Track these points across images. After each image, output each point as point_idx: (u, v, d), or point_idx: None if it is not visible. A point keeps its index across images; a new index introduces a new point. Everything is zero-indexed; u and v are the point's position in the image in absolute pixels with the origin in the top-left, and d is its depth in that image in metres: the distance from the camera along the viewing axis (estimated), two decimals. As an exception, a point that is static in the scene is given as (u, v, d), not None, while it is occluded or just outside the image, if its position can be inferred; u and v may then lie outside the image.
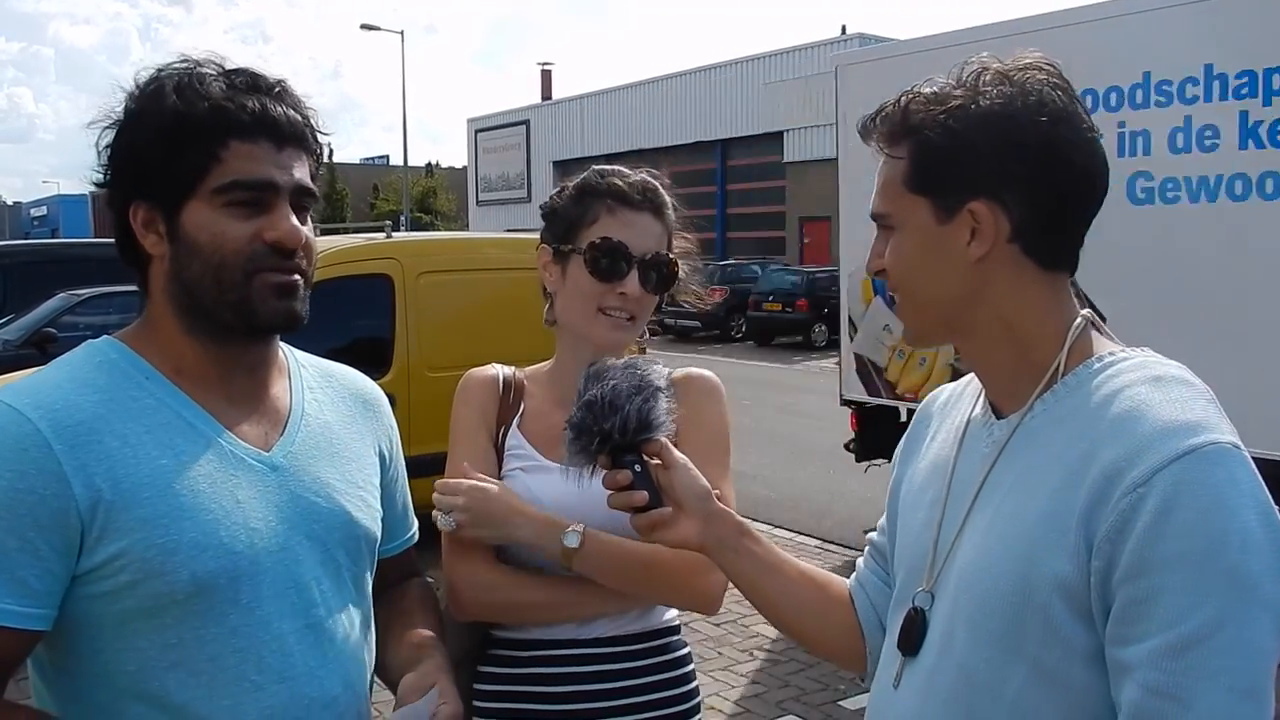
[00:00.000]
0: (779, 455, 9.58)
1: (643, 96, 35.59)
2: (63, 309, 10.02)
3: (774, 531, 7.09)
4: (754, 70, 31.69)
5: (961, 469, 1.26)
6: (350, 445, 1.44)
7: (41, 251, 14.18)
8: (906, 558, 1.30)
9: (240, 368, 1.34)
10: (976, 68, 1.20)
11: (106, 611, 1.20)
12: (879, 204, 1.25)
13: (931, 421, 1.41)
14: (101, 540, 1.17)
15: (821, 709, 4.55)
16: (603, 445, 1.34)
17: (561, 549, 1.56)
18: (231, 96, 1.26)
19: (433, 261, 6.80)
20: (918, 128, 1.19)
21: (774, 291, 21.13)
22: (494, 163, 42.45)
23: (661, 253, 1.72)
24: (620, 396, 1.35)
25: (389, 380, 6.22)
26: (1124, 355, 1.18)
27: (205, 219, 1.25)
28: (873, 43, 28.58)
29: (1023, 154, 1.16)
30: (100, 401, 1.22)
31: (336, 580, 1.36)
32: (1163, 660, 0.99)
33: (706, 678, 4.83)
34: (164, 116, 1.24)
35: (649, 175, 1.74)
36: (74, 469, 1.16)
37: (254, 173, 1.25)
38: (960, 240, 1.18)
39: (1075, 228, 1.21)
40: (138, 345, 1.30)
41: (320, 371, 1.49)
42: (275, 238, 1.26)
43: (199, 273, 1.26)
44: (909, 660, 1.23)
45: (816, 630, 1.44)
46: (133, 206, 1.28)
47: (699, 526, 1.36)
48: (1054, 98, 1.17)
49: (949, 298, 1.22)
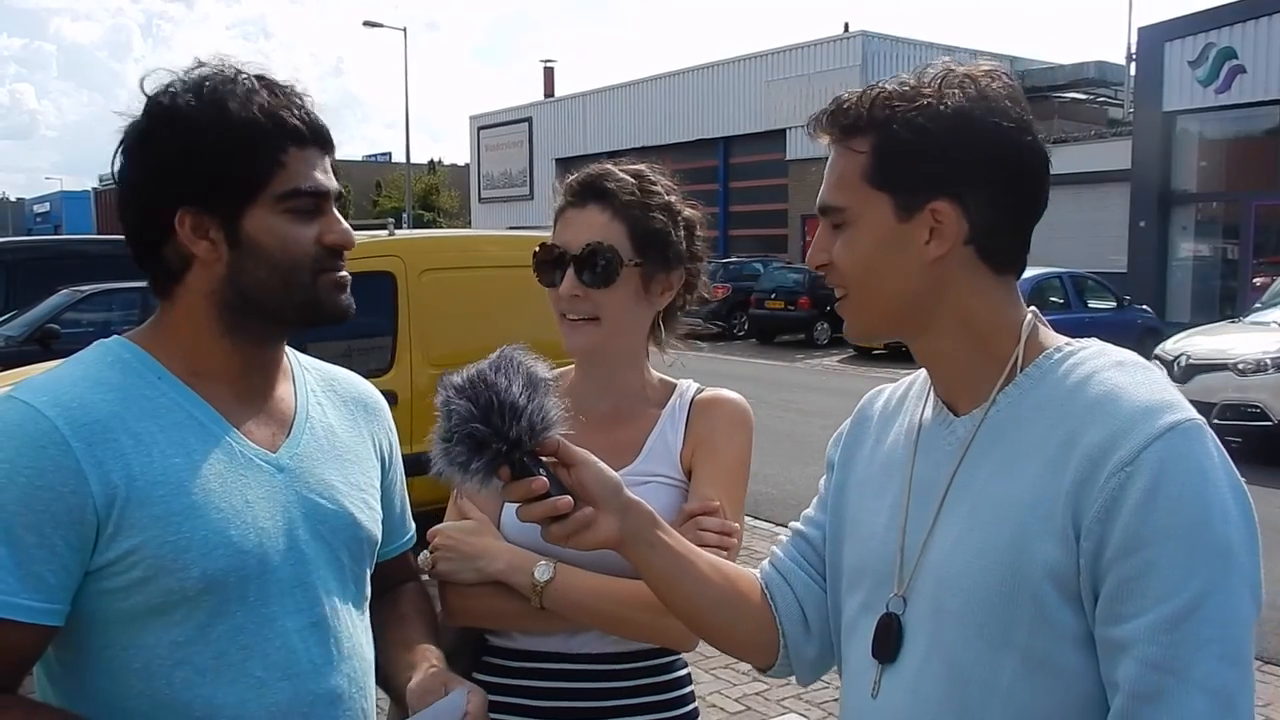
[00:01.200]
0: (781, 453, 9.58)
1: (645, 94, 35.55)
2: (65, 305, 10.03)
3: (774, 529, 7.11)
4: (756, 68, 31.64)
5: (921, 471, 1.25)
6: (352, 448, 1.46)
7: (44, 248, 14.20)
8: (869, 565, 1.28)
9: (259, 368, 1.37)
10: (941, 70, 1.20)
11: (117, 608, 1.21)
12: (833, 197, 1.23)
13: (872, 423, 1.40)
14: (116, 536, 1.19)
15: (823, 707, 4.55)
16: (508, 455, 1.19)
17: (531, 583, 1.52)
18: (286, 104, 1.29)
19: (435, 259, 6.80)
20: (884, 122, 1.19)
21: (776, 289, 21.13)
22: (496, 160, 42.41)
23: (594, 242, 1.59)
24: (516, 397, 1.19)
25: (391, 377, 6.22)
26: (1080, 345, 1.21)
27: (270, 224, 1.28)
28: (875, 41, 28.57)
29: (987, 157, 1.17)
30: (115, 400, 1.24)
31: (340, 580, 1.38)
32: (1159, 634, 1.01)
33: (709, 675, 4.83)
34: (233, 122, 1.25)
35: (598, 167, 1.67)
36: (91, 466, 1.18)
37: (311, 179, 1.30)
38: (919, 239, 1.19)
39: (1026, 232, 1.23)
40: (150, 346, 1.31)
41: (322, 375, 1.51)
42: (334, 240, 1.33)
43: (266, 276, 1.29)
44: (887, 668, 1.22)
45: (729, 625, 1.39)
46: (180, 214, 1.27)
47: (617, 522, 1.26)
48: (1013, 105, 1.19)
49: (902, 295, 1.22)
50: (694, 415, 1.68)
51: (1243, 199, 20.61)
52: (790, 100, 29.54)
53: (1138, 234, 21.44)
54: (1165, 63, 20.99)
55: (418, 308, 6.48)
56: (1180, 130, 21.39)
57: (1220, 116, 20.84)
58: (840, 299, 1.26)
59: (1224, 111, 20.52)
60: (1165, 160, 21.27)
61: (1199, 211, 21.86)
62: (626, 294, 1.62)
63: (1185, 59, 20.61)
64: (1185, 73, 20.63)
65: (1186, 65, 20.58)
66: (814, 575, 1.42)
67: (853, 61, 28.12)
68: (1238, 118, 20.64)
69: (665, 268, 1.65)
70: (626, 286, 1.61)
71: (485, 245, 7.83)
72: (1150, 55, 21.53)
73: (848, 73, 27.60)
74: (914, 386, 1.38)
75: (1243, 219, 20.67)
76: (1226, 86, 20.04)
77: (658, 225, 1.63)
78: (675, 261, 1.66)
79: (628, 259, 1.60)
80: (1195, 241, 21.67)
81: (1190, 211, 21.78)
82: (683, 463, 1.65)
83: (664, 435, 1.67)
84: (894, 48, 28.53)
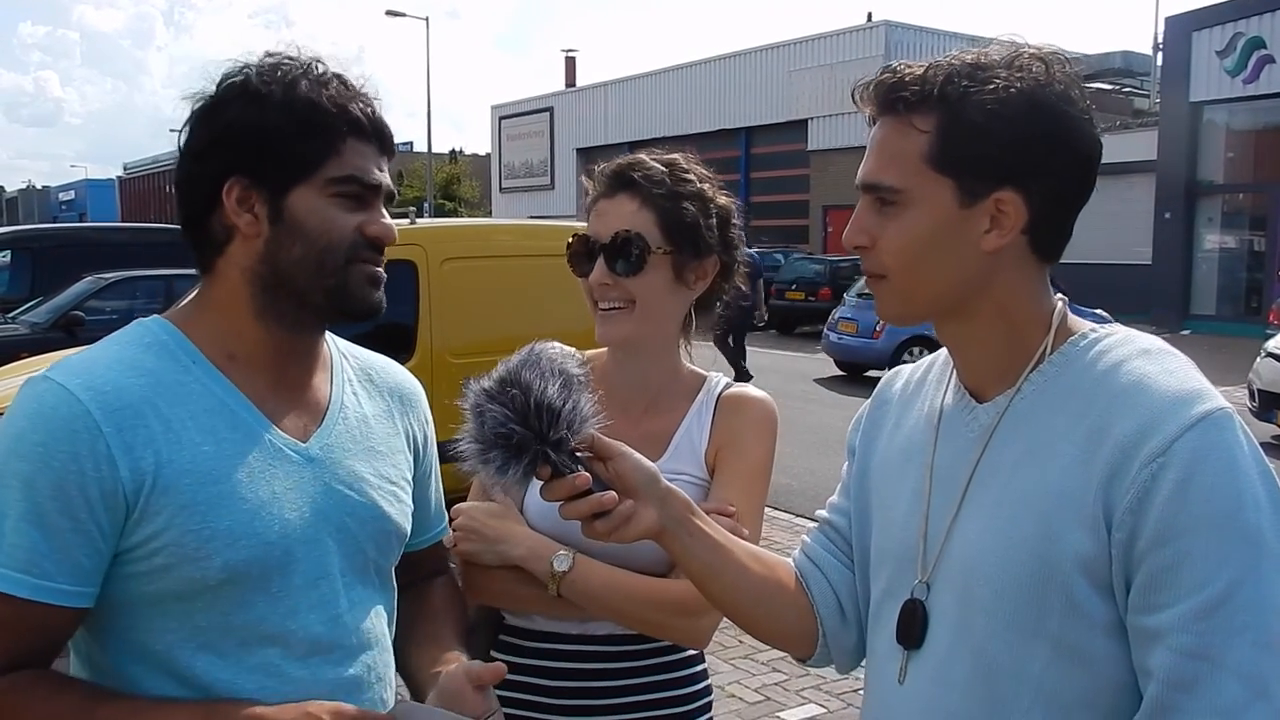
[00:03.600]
0: (802, 444, 9.55)
1: (666, 84, 35.46)
2: (90, 292, 10.11)
3: (795, 520, 7.11)
4: (778, 58, 31.49)
5: (943, 457, 1.24)
6: (386, 440, 1.45)
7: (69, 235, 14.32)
8: (892, 551, 1.28)
9: (295, 356, 1.37)
10: (1010, 48, 1.15)
11: (141, 591, 1.23)
12: (884, 174, 1.17)
13: (892, 406, 1.39)
14: (141, 521, 1.20)
15: (842, 697, 4.54)
16: (550, 455, 1.17)
17: (550, 572, 1.53)
18: (354, 98, 1.32)
19: (456, 248, 6.81)
20: (952, 101, 1.12)
21: (797, 280, 21.02)
22: (518, 149, 42.41)
23: (622, 230, 1.60)
24: (553, 398, 1.17)
25: (412, 366, 6.20)
26: (1106, 332, 1.19)
27: (315, 205, 1.29)
28: (899, 30, 28.38)
29: (1056, 146, 1.13)
30: (148, 385, 1.24)
31: (364, 572, 1.38)
32: (1193, 623, 1.01)
33: (728, 665, 4.84)
34: (299, 102, 1.28)
35: (628, 157, 1.67)
36: (121, 451, 1.19)
37: (366, 171, 1.32)
38: (978, 227, 1.15)
39: (1073, 221, 1.20)
40: (187, 327, 1.32)
41: (361, 364, 1.51)
42: (376, 233, 1.34)
43: (300, 255, 1.29)
44: (913, 654, 1.21)
45: (770, 615, 1.37)
46: (230, 181, 1.28)
47: (656, 512, 1.25)
48: (1079, 91, 1.15)
49: (949, 283, 1.18)
50: (720, 413, 1.68)
51: (1270, 190, 20.35)
52: (812, 90, 29.40)
53: (1163, 226, 21.23)
54: (1192, 52, 20.75)
55: (439, 296, 6.49)
56: (1207, 121, 21.15)
57: (1248, 107, 20.58)
58: (877, 280, 1.21)
59: (1252, 102, 20.26)
60: (1191, 151, 21.04)
61: (1225, 203, 21.62)
62: (658, 282, 1.62)
63: (1213, 49, 20.36)
64: (1213, 63, 20.38)
65: (1214, 55, 20.34)
66: (845, 562, 1.40)
67: (875, 51, 27.94)
68: (1266, 108, 20.36)
69: (697, 256, 1.64)
70: (658, 275, 1.61)
71: (506, 235, 7.85)
72: (1177, 45, 21.29)
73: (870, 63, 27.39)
74: (933, 368, 1.35)
75: (1270, 211, 20.41)
76: (1255, 77, 19.79)
77: (688, 214, 1.62)
78: (707, 250, 1.65)
79: (656, 247, 1.60)
80: (1221, 233, 21.43)
81: (1216, 203, 21.54)
82: (707, 462, 1.66)
83: (690, 433, 1.67)
84: (917, 37, 28.33)
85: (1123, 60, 29.86)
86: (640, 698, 1.65)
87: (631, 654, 1.65)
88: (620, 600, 1.54)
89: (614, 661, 1.64)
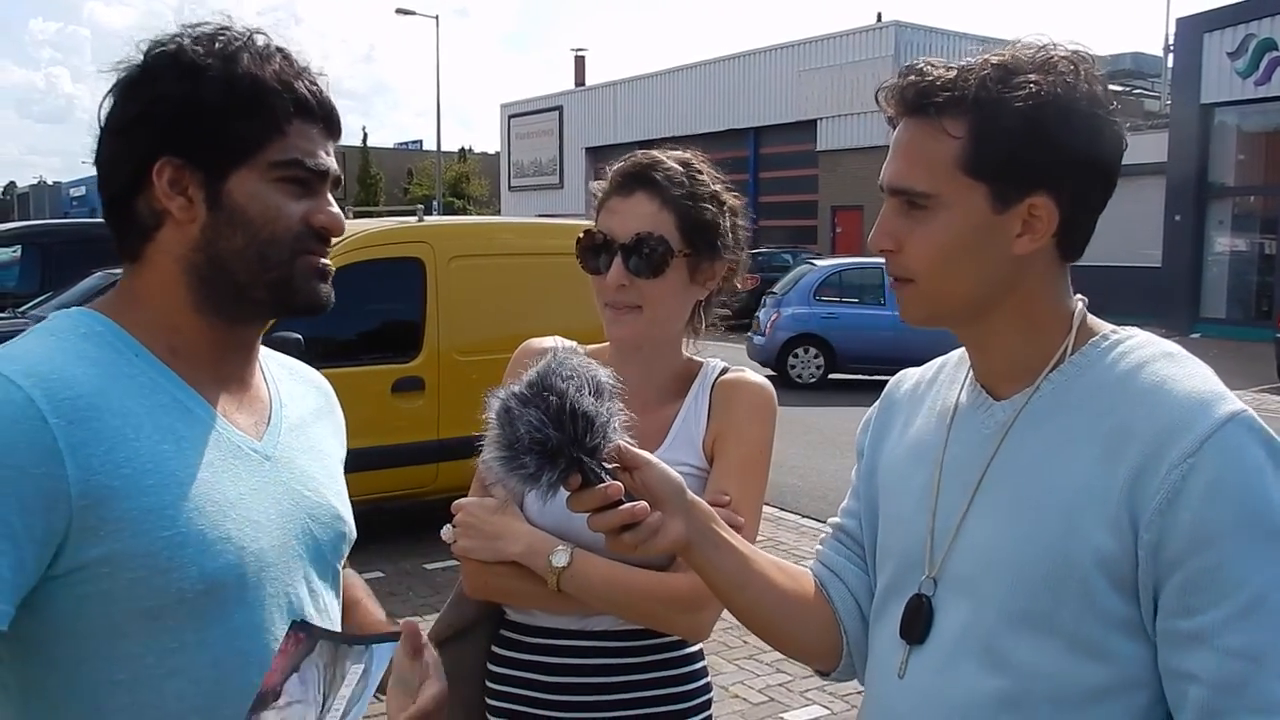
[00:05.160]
0: (808, 444, 9.55)
1: (676, 83, 35.42)
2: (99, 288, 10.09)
3: (801, 521, 7.09)
4: (787, 58, 31.43)
5: (954, 453, 1.23)
6: (323, 438, 1.40)
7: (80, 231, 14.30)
8: (897, 546, 1.28)
9: (235, 349, 1.27)
10: (1041, 49, 1.13)
11: (96, 615, 1.08)
12: (914, 180, 1.15)
13: (901, 406, 1.38)
14: (99, 532, 1.06)
15: (846, 699, 4.54)
16: (581, 463, 1.13)
17: (548, 567, 1.53)
18: (299, 75, 1.22)
19: (464, 246, 6.81)
20: (987, 105, 1.11)
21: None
22: (526, 148, 42.40)
23: (645, 231, 1.58)
24: (588, 405, 1.14)
25: (419, 364, 6.26)
26: (1127, 334, 1.19)
27: (256, 190, 1.19)
28: (909, 31, 28.31)
29: (1089, 150, 1.13)
30: (98, 375, 1.11)
31: (324, 576, 1.32)
32: (1235, 623, 1.02)
33: (732, 665, 4.84)
34: (239, 77, 1.17)
35: (645, 155, 1.65)
36: (70, 447, 1.04)
37: (312, 154, 1.22)
38: (1010, 232, 1.14)
39: (1097, 220, 1.19)
40: (122, 320, 1.19)
41: (279, 361, 1.43)
42: (324, 222, 1.24)
43: (241, 245, 1.19)
44: (915, 649, 1.21)
45: (795, 627, 1.34)
46: (160, 162, 1.17)
47: (683, 524, 1.22)
48: (1106, 92, 1.14)
49: (978, 287, 1.17)
50: (716, 399, 1.68)
51: (1282, 193, 20.31)
52: (821, 91, 29.35)
53: (1173, 228, 21.15)
54: (1204, 54, 20.66)
55: (446, 294, 6.50)
56: (1218, 123, 21.06)
57: (1260, 109, 20.48)
58: (903, 284, 1.20)
59: (1264, 104, 20.17)
60: (1202, 153, 20.95)
61: (1236, 205, 21.53)
62: (673, 284, 1.62)
63: (1224, 50, 20.28)
64: (1224, 64, 20.29)
65: (1225, 56, 20.25)
66: (861, 565, 1.39)
67: (885, 52, 27.87)
68: (1278, 110, 20.28)
69: (712, 257, 1.64)
70: (674, 276, 1.61)
71: (514, 233, 7.86)
72: (1188, 46, 21.20)
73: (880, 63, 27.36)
74: (944, 369, 1.35)
75: (1281, 214, 20.36)
76: (1267, 78, 19.70)
77: (707, 216, 1.62)
78: (722, 251, 1.65)
79: (677, 249, 1.60)
80: (1232, 236, 21.34)
81: (1227, 205, 21.45)
82: (705, 450, 1.65)
83: (688, 421, 1.67)
84: (927, 38, 28.25)
85: (1133, 62, 29.76)
86: (640, 694, 1.65)
87: (631, 649, 1.65)
88: (620, 594, 1.54)
89: (613, 657, 1.64)
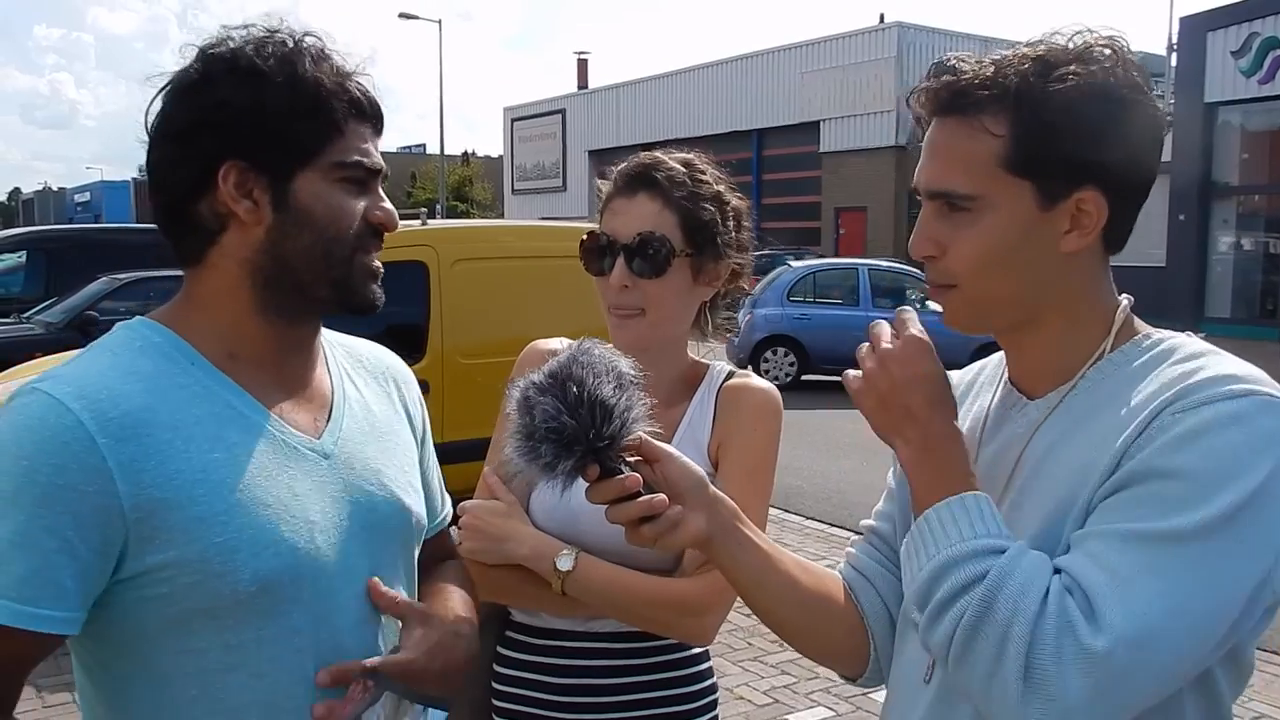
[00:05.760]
0: (813, 447, 9.54)
1: (679, 86, 35.44)
2: (104, 293, 10.16)
3: (805, 523, 7.09)
4: (790, 59, 31.45)
5: (988, 453, 1.21)
6: (391, 425, 1.40)
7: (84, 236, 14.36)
8: None
9: (296, 349, 1.30)
10: (1080, 36, 1.09)
11: (161, 614, 1.14)
12: (955, 182, 1.10)
13: None
14: (154, 541, 1.11)
15: (851, 700, 4.53)
16: (599, 453, 1.12)
17: (554, 570, 1.53)
18: (349, 75, 1.26)
19: (467, 249, 6.81)
20: (1028, 100, 1.06)
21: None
22: (530, 151, 42.46)
23: (646, 231, 1.58)
24: (607, 394, 1.13)
25: (423, 367, 6.24)
26: (1170, 335, 1.14)
27: (321, 190, 1.22)
28: (911, 32, 28.31)
29: (1135, 139, 1.09)
30: (147, 390, 1.15)
31: (391, 568, 1.33)
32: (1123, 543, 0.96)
33: (736, 668, 4.83)
34: (301, 81, 1.20)
35: (648, 156, 1.65)
36: (119, 465, 1.09)
37: (369, 154, 1.26)
38: (1058, 229, 1.10)
39: (1139, 211, 1.15)
40: (180, 327, 1.23)
41: (348, 350, 1.44)
42: (382, 219, 1.27)
43: (308, 244, 1.22)
44: None
45: (820, 630, 1.31)
46: (225, 166, 1.19)
47: (704, 519, 1.19)
48: (1142, 72, 1.10)
49: (1025, 288, 1.12)
50: (722, 404, 1.67)
51: (1286, 192, 20.28)
52: (825, 92, 29.37)
53: (1177, 228, 21.13)
54: (1207, 53, 20.66)
55: (449, 297, 6.50)
56: (1222, 122, 21.05)
57: (1264, 108, 20.48)
58: (945, 290, 1.15)
59: (1268, 103, 20.16)
60: (1206, 153, 20.94)
61: (1240, 205, 21.51)
62: (676, 285, 1.61)
63: (1228, 49, 20.27)
64: (1228, 63, 20.29)
65: (1229, 55, 20.25)
66: (893, 570, 1.34)
67: (888, 53, 27.89)
68: (1282, 109, 20.30)
69: (715, 258, 1.64)
70: (677, 277, 1.61)
71: (517, 236, 7.85)
72: (1192, 45, 21.20)
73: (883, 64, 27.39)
74: (984, 371, 1.32)
75: (1285, 213, 20.34)
76: (1270, 77, 19.69)
77: (708, 216, 1.62)
78: (724, 252, 1.65)
79: (679, 249, 1.60)
80: (1236, 235, 21.32)
81: (1231, 205, 21.43)
82: (710, 455, 1.65)
83: (693, 426, 1.66)
84: (930, 39, 28.25)
85: (1136, 61, 29.72)
86: (645, 695, 1.65)
87: (636, 651, 1.65)
88: (624, 598, 1.54)
89: (619, 658, 1.65)
